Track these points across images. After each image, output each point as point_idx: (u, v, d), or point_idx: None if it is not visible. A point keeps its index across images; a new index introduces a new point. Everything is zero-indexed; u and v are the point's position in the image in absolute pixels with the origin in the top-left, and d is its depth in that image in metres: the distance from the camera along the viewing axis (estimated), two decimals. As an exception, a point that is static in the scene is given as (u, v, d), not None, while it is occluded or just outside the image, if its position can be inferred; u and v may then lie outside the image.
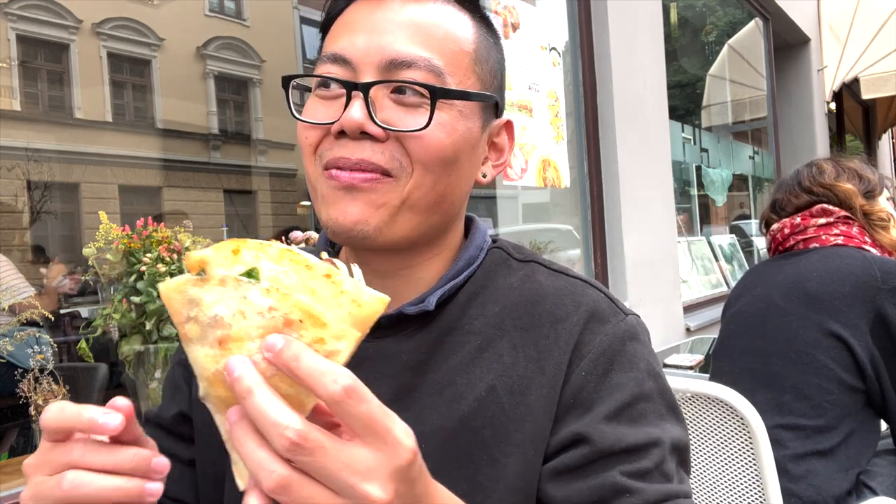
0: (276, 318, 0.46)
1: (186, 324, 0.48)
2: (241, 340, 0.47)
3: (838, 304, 1.56)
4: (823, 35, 7.67)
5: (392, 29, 0.71)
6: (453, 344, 0.74)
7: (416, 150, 0.70)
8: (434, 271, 0.78)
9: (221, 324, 0.47)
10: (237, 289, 0.47)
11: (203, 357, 0.48)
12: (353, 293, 0.48)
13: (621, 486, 0.66)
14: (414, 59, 0.70)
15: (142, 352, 1.83)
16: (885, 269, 1.56)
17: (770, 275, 1.78)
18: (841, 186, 1.75)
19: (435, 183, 0.71)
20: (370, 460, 0.46)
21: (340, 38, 0.72)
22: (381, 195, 0.70)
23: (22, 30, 5.11)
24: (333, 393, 0.44)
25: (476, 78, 0.75)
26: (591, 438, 0.67)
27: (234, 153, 7.66)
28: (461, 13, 0.76)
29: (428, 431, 0.69)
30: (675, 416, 0.74)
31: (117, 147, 6.48)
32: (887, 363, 1.53)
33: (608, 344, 0.72)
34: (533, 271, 0.79)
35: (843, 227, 1.72)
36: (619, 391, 0.70)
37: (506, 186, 3.20)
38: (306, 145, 0.73)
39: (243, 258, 0.48)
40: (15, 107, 4.76)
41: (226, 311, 0.47)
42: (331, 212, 0.70)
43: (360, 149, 0.69)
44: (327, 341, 0.47)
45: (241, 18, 7.24)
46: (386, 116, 0.69)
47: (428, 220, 0.73)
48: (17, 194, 4.68)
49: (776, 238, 1.84)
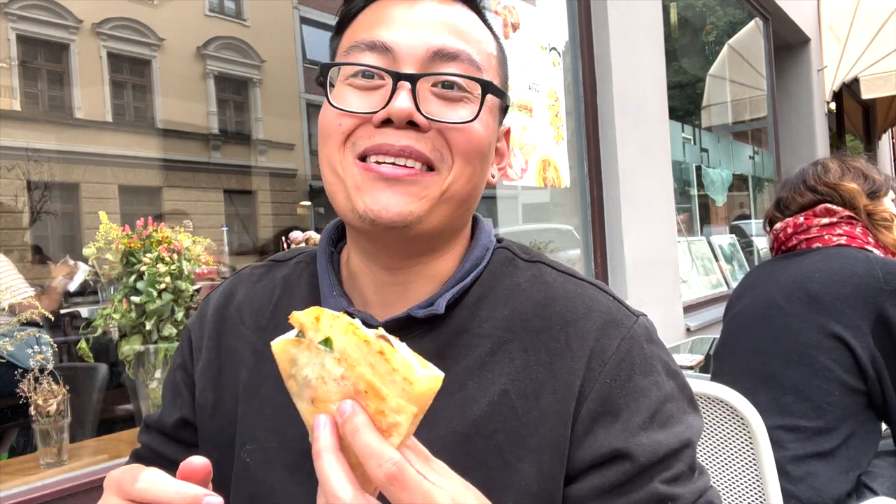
0: (348, 387, 0.50)
1: (289, 380, 0.53)
2: (326, 402, 0.51)
3: (840, 304, 1.55)
4: (823, 35, 7.67)
5: (432, 24, 0.72)
6: (463, 347, 0.73)
7: (458, 142, 0.71)
8: (444, 268, 0.77)
9: (310, 385, 0.52)
10: (317, 355, 0.51)
11: (304, 411, 0.53)
12: (404, 372, 0.50)
13: (663, 495, 0.67)
14: (458, 52, 0.72)
15: (142, 352, 1.83)
16: (887, 269, 1.55)
17: (772, 275, 1.77)
18: (845, 186, 1.74)
19: (472, 175, 0.73)
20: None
21: (377, 27, 0.72)
22: (423, 187, 0.70)
23: (22, 30, 5.12)
24: (377, 476, 0.48)
25: (500, 79, 0.79)
26: (633, 454, 0.68)
27: (234, 153, 7.66)
28: (480, 21, 0.79)
29: (440, 435, 0.68)
30: (694, 407, 0.75)
31: (117, 147, 6.48)
32: (888, 364, 1.52)
33: (627, 349, 0.72)
34: (540, 272, 0.79)
35: (847, 227, 1.71)
36: (644, 396, 0.70)
37: (506, 186, 3.20)
38: (338, 132, 0.72)
39: (322, 327, 0.52)
40: (15, 107, 4.77)
41: (312, 373, 0.52)
42: (370, 203, 0.69)
43: (405, 136, 0.69)
44: (388, 414, 0.50)
45: (241, 18, 7.24)
46: (429, 109, 0.70)
47: (458, 212, 0.74)
48: (17, 194, 4.69)
49: (779, 237, 1.83)
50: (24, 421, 2.00)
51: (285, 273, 0.86)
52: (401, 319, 0.73)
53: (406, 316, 0.73)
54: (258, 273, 0.88)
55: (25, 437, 2.58)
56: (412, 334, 0.73)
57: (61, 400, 1.67)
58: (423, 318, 0.73)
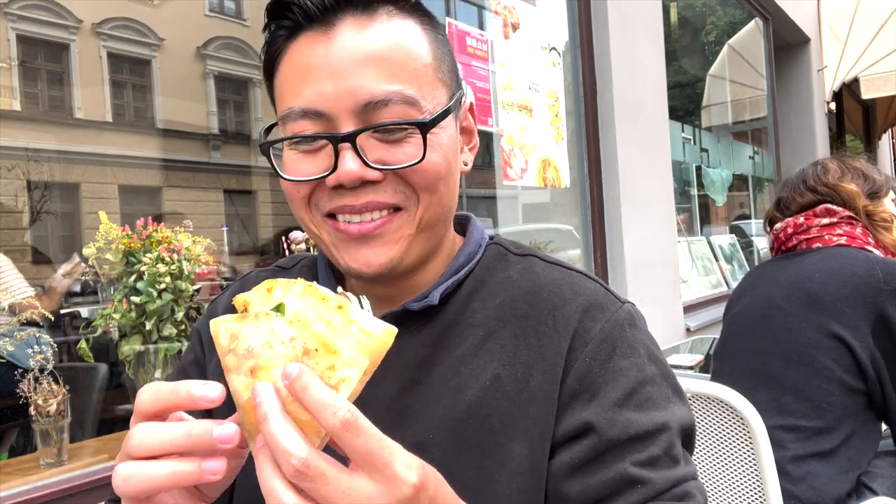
0: (297, 347, 0.51)
1: (227, 355, 0.53)
2: (268, 368, 0.51)
3: (840, 304, 1.55)
4: (823, 35, 7.67)
5: (355, 69, 0.69)
6: (456, 337, 0.76)
7: (416, 179, 0.71)
8: (434, 270, 0.80)
9: (253, 354, 0.51)
10: (266, 322, 0.52)
11: (239, 385, 0.52)
12: (362, 323, 0.53)
13: (633, 476, 0.67)
14: (388, 96, 0.69)
15: (142, 352, 1.83)
16: (887, 270, 1.55)
17: (772, 275, 1.77)
18: (845, 187, 1.74)
19: (441, 198, 0.74)
20: (371, 491, 0.48)
21: (302, 88, 0.70)
22: (395, 231, 0.72)
23: (22, 30, 5.12)
24: (332, 426, 0.47)
25: (442, 86, 0.75)
26: (599, 427, 0.69)
27: (234, 153, 7.66)
28: (406, 20, 0.73)
29: (436, 422, 0.71)
30: (680, 397, 0.75)
31: (117, 147, 6.48)
32: (888, 364, 1.52)
33: (609, 331, 0.73)
34: (531, 264, 0.81)
35: (847, 227, 1.71)
36: (623, 376, 0.71)
37: (506, 186, 3.20)
38: (299, 198, 0.73)
39: (274, 295, 0.54)
40: (15, 107, 4.76)
41: (257, 342, 0.51)
42: (350, 262, 0.73)
43: (362, 194, 0.70)
44: (338, 368, 0.50)
45: (241, 18, 7.23)
46: (377, 156, 0.69)
47: (438, 233, 0.77)
48: (17, 194, 4.69)
49: (779, 237, 1.83)
50: (24, 421, 2.00)
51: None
52: (397, 313, 0.76)
53: (402, 310, 0.76)
54: (264, 277, 0.90)
55: (25, 437, 2.58)
56: (408, 328, 0.76)
57: (61, 400, 1.67)
58: (419, 311, 0.76)
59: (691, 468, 0.72)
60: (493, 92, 2.99)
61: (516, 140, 3.05)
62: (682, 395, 0.76)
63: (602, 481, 0.68)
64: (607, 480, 0.67)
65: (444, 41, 0.78)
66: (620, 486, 0.67)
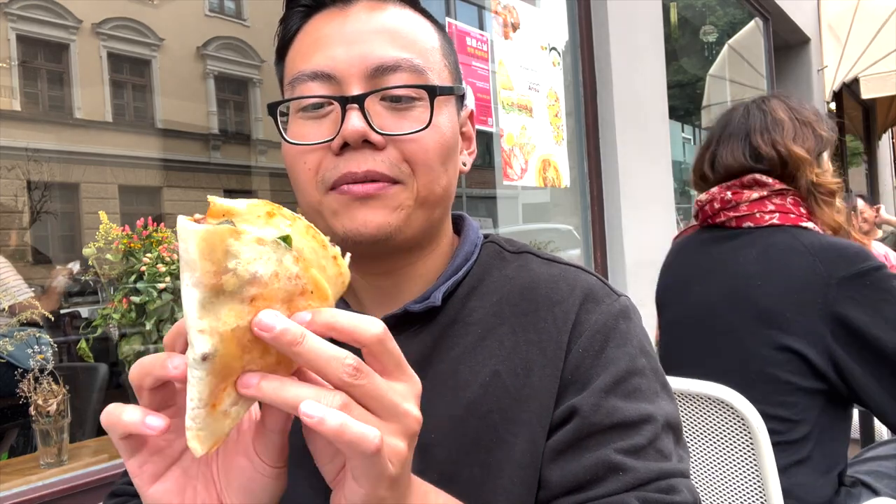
0: (297, 286, 0.49)
1: (224, 274, 0.46)
2: (269, 301, 0.48)
3: (790, 315, 1.46)
4: (823, 35, 7.67)
5: (367, 37, 0.72)
6: (455, 336, 0.76)
7: (415, 152, 0.72)
8: (432, 267, 0.80)
9: (260, 282, 0.47)
10: (275, 252, 0.48)
11: (227, 311, 0.47)
12: (346, 276, 0.53)
13: (614, 463, 0.67)
14: (398, 62, 0.71)
15: (142, 352, 1.83)
16: (826, 258, 1.45)
17: (705, 264, 1.66)
18: (796, 153, 1.58)
19: (438, 177, 0.74)
20: (404, 387, 0.51)
21: (314, 54, 0.73)
22: (395, 199, 0.72)
23: (22, 30, 5.11)
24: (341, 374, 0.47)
25: (448, 72, 0.78)
26: (583, 411, 0.69)
27: (234, 153, 7.65)
28: (416, 14, 0.78)
29: (438, 421, 0.71)
30: (668, 394, 0.75)
31: (117, 147, 6.48)
32: (859, 360, 1.42)
33: (603, 322, 0.74)
34: (527, 261, 0.82)
35: (778, 199, 1.58)
36: (613, 365, 0.72)
37: (506, 186, 3.20)
38: (306, 170, 0.73)
39: (277, 223, 0.50)
40: (15, 107, 4.76)
41: (264, 270, 0.48)
42: (348, 224, 0.72)
43: (364, 160, 0.70)
44: None
45: (241, 18, 7.23)
46: (382, 123, 0.71)
47: (435, 214, 0.76)
48: (17, 194, 4.68)
49: (704, 210, 1.69)
50: (24, 421, 2.00)
51: None
52: (397, 316, 0.75)
53: (403, 312, 0.76)
54: None
55: (25, 437, 2.58)
56: (408, 330, 0.76)
57: (61, 400, 1.67)
58: (420, 313, 0.76)
59: (682, 466, 0.71)
60: (492, 92, 2.99)
61: (516, 140, 3.05)
62: (671, 392, 0.77)
63: (584, 467, 0.68)
64: (589, 466, 0.67)
65: (451, 43, 0.82)
66: (602, 473, 0.67)
